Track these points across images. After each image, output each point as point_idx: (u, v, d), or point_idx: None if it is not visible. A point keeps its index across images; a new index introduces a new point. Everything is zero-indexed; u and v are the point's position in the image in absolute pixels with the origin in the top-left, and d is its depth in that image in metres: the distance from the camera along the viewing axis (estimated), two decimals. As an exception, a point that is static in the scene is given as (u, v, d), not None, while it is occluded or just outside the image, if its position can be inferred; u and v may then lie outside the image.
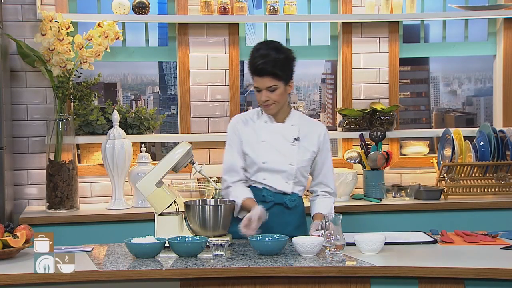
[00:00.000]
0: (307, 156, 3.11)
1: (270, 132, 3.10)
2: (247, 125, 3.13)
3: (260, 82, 2.98)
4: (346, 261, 2.63)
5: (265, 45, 3.03)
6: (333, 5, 4.47)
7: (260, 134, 3.10)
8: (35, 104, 4.14)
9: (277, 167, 3.06)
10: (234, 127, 3.14)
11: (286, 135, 3.10)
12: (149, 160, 4.02)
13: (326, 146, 3.17)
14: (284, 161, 3.07)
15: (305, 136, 3.12)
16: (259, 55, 2.97)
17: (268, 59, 2.95)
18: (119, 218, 3.82)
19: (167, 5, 4.35)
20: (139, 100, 6.50)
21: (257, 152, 3.08)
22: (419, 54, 4.66)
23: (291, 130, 3.11)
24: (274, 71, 2.95)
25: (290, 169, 3.07)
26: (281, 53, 2.99)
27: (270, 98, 3.00)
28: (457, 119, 6.62)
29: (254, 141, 3.09)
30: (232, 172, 3.11)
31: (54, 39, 3.87)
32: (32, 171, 4.15)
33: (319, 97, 6.64)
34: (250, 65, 3.01)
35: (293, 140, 3.10)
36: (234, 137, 3.13)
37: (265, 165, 3.06)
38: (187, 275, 2.54)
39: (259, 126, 3.12)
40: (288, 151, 3.09)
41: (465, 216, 3.97)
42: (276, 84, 2.98)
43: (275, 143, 3.09)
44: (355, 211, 3.93)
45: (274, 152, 3.08)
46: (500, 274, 2.51)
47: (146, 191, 2.94)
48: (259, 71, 2.96)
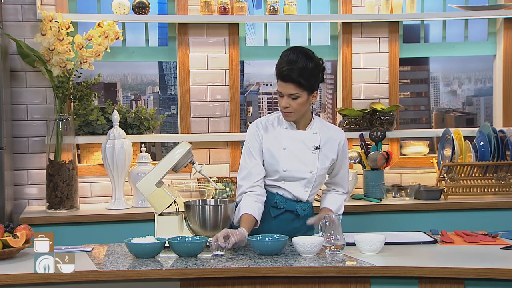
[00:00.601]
0: (327, 163, 3.07)
1: (291, 139, 3.04)
2: (267, 131, 3.05)
3: (284, 87, 2.91)
4: (346, 261, 2.63)
5: (295, 50, 2.94)
6: (333, 5, 4.47)
7: (281, 141, 3.03)
8: (35, 104, 4.14)
9: (298, 175, 3.02)
10: (255, 132, 3.05)
11: (308, 143, 3.04)
12: (149, 160, 4.02)
13: (345, 152, 3.13)
14: (305, 169, 3.02)
15: (325, 143, 3.06)
16: (287, 60, 2.90)
17: (295, 66, 2.87)
18: (119, 218, 3.82)
19: (167, 5, 4.35)
20: (139, 100, 6.50)
21: (278, 159, 3.01)
22: (419, 54, 4.66)
23: (312, 138, 3.04)
24: (299, 79, 2.88)
25: (311, 177, 3.03)
26: (311, 61, 2.91)
27: (291, 105, 2.93)
28: (457, 119, 6.62)
29: (275, 148, 3.02)
30: (248, 178, 3.01)
31: (54, 39, 3.87)
32: (32, 171, 4.15)
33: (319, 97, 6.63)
34: (277, 69, 2.94)
35: (314, 148, 3.03)
36: (254, 142, 3.04)
37: (286, 173, 3.01)
38: (187, 275, 2.54)
39: (280, 133, 3.04)
40: (309, 159, 3.03)
41: (465, 216, 3.97)
42: (299, 93, 2.90)
43: (296, 151, 3.03)
44: (355, 211, 3.93)
45: (295, 160, 3.02)
46: (500, 274, 2.51)
47: (146, 191, 2.94)
48: (284, 77, 2.89)
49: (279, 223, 3.03)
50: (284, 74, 2.89)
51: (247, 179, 3.01)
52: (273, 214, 3.05)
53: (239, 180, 3.04)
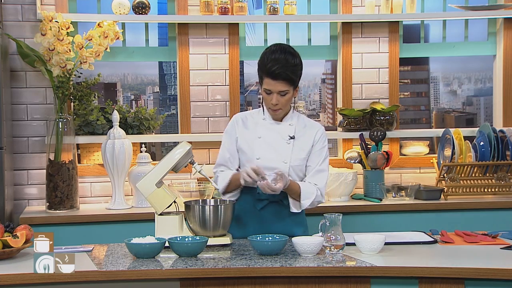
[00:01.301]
0: (302, 155, 3.11)
1: (266, 129, 3.13)
2: (246, 122, 3.17)
3: (273, 85, 2.99)
4: (346, 261, 2.63)
5: (280, 48, 3.02)
6: (333, 5, 4.47)
7: (257, 130, 3.13)
8: (35, 104, 4.14)
9: (270, 164, 3.07)
10: (232, 124, 3.19)
11: (282, 133, 3.12)
12: (149, 160, 4.02)
13: (319, 146, 3.15)
14: (278, 159, 3.08)
15: (301, 135, 3.13)
16: (275, 59, 2.97)
17: (286, 64, 2.96)
18: (119, 218, 3.82)
19: (167, 5, 4.35)
20: (139, 100, 6.50)
21: (252, 148, 3.11)
22: (419, 54, 4.66)
23: (287, 129, 3.12)
24: (291, 76, 2.98)
25: (284, 167, 3.07)
26: (295, 57, 3.02)
27: (280, 102, 3.03)
28: (457, 119, 6.62)
29: (251, 137, 3.13)
30: (222, 166, 3.16)
31: (54, 39, 3.87)
32: (32, 171, 4.15)
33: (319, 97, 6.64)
34: (264, 67, 3.00)
35: (288, 138, 3.11)
36: (230, 134, 3.17)
37: (259, 161, 3.07)
38: (187, 275, 2.54)
39: (257, 123, 3.15)
40: (283, 149, 3.10)
41: (465, 216, 3.97)
42: (288, 89, 3.00)
43: (270, 140, 3.11)
44: (355, 211, 3.93)
45: (269, 149, 3.09)
46: (500, 274, 2.51)
47: (146, 191, 2.94)
48: (275, 75, 2.96)
49: (267, 215, 3.06)
50: (276, 73, 2.96)
51: (218, 167, 3.18)
52: (258, 208, 3.09)
53: (213, 168, 3.20)
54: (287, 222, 3.09)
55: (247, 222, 3.08)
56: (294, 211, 3.08)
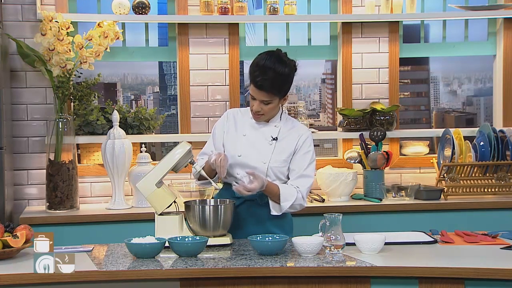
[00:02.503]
0: (283, 157, 3.10)
1: (252, 128, 3.15)
2: (236, 118, 3.21)
3: (257, 94, 3.01)
4: (346, 261, 2.63)
5: (271, 56, 3.00)
6: (333, 5, 4.47)
7: (244, 128, 3.16)
8: (35, 104, 4.13)
9: (250, 162, 3.07)
10: (224, 118, 3.24)
11: (266, 134, 3.13)
12: (149, 160, 4.02)
13: (304, 150, 3.11)
14: (258, 158, 3.09)
15: (285, 137, 3.13)
16: (262, 68, 2.96)
17: (269, 76, 2.95)
18: (119, 218, 3.82)
19: (167, 5, 4.34)
20: (139, 100, 6.50)
21: (235, 145, 3.13)
22: (419, 54, 4.66)
23: (272, 130, 3.13)
24: (272, 90, 2.98)
25: (262, 167, 3.07)
26: (285, 66, 2.99)
27: (262, 109, 3.05)
28: (457, 119, 6.63)
29: (236, 134, 3.16)
30: (204, 155, 3.19)
31: (54, 39, 3.87)
32: (32, 171, 4.15)
33: (319, 97, 6.64)
34: (250, 75, 3.01)
35: (271, 139, 3.12)
36: (219, 128, 3.22)
37: (240, 158, 3.09)
38: (187, 275, 2.54)
39: (244, 121, 3.18)
40: (264, 149, 3.10)
41: (465, 216, 3.97)
42: (271, 99, 3.02)
43: (253, 139, 3.12)
44: (355, 211, 3.93)
45: (250, 148, 3.11)
46: (500, 274, 2.51)
47: (146, 191, 2.94)
48: (258, 86, 2.98)
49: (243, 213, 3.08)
50: (259, 84, 2.97)
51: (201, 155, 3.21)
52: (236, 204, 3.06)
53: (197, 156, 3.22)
54: (266, 224, 3.07)
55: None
56: (274, 214, 3.05)
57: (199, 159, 3.17)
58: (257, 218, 3.09)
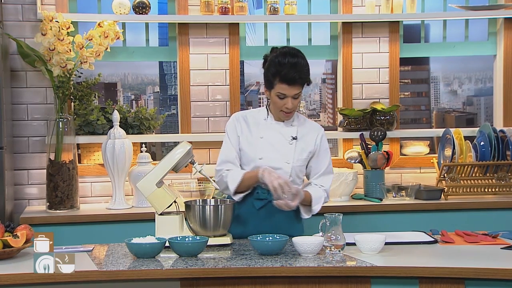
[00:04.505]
0: (303, 156, 3.12)
1: (268, 129, 3.12)
2: (247, 121, 3.16)
3: (289, 90, 2.98)
4: (346, 261, 2.63)
5: (289, 52, 3.02)
6: (334, 5, 4.47)
7: (259, 130, 3.12)
8: (36, 104, 4.14)
9: (273, 164, 3.06)
10: (234, 122, 3.17)
11: (285, 134, 3.12)
12: (149, 160, 4.02)
13: (324, 148, 3.17)
14: (280, 159, 3.08)
15: (303, 136, 3.13)
16: (292, 64, 2.97)
17: (301, 69, 2.98)
18: (119, 218, 3.82)
19: (168, 5, 4.35)
20: (139, 100, 6.49)
21: (255, 148, 3.10)
22: (420, 54, 4.66)
23: (289, 129, 3.13)
24: (302, 81, 3.00)
25: (286, 167, 3.08)
26: (304, 59, 3.04)
27: (294, 105, 3.04)
28: (457, 119, 6.62)
29: (253, 137, 3.12)
30: (228, 163, 3.11)
31: (55, 39, 3.87)
32: (32, 171, 4.15)
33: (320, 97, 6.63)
34: (279, 73, 2.98)
35: (291, 139, 3.11)
36: (232, 133, 3.15)
37: (261, 161, 3.07)
38: (187, 275, 2.54)
39: (258, 123, 3.14)
40: (285, 149, 3.10)
41: (466, 216, 3.97)
42: (300, 92, 3.02)
43: (273, 140, 3.10)
44: (356, 211, 3.93)
45: (271, 149, 3.09)
46: (501, 274, 2.51)
47: (146, 191, 2.94)
48: (293, 81, 2.96)
49: (263, 215, 3.05)
50: (295, 79, 2.96)
51: (224, 164, 3.11)
52: (257, 207, 3.08)
53: (217, 166, 3.13)
54: (285, 220, 3.08)
55: (246, 221, 3.08)
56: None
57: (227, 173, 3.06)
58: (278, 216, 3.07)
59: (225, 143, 3.17)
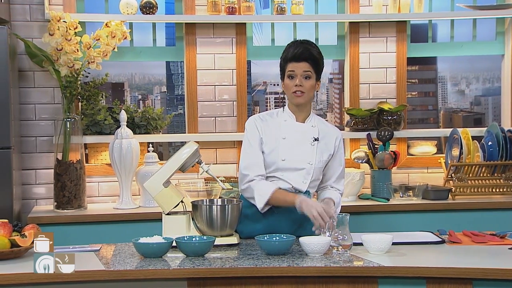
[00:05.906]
0: (325, 157, 3.12)
1: (290, 130, 3.10)
2: (266, 122, 3.12)
3: (297, 66, 3.01)
4: (353, 261, 2.62)
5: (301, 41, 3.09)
6: (341, 4, 4.46)
7: (281, 131, 3.10)
8: (43, 104, 4.15)
9: (296, 165, 3.06)
10: (254, 124, 3.12)
11: (307, 135, 3.10)
12: (157, 160, 4.02)
13: (340, 151, 3.19)
14: (303, 160, 3.07)
15: (323, 137, 3.13)
16: (295, 45, 3.04)
17: (306, 47, 3.02)
18: (126, 217, 3.83)
19: (175, 5, 4.35)
20: (146, 100, 6.51)
21: (277, 149, 3.07)
22: (427, 53, 4.65)
23: (311, 130, 3.11)
24: (312, 57, 3.01)
25: (309, 168, 3.07)
26: (317, 48, 3.07)
27: (303, 85, 3.02)
28: (465, 119, 6.60)
29: (275, 138, 3.09)
30: (254, 167, 3.06)
31: (62, 39, 3.88)
32: (40, 170, 4.16)
33: (327, 97, 6.63)
34: (287, 55, 3.03)
35: (313, 140, 3.10)
36: (254, 134, 3.10)
37: (284, 162, 3.06)
38: (194, 274, 2.54)
39: (279, 124, 3.11)
40: (308, 150, 3.09)
41: (473, 216, 3.96)
42: (311, 71, 3.02)
43: (295, 141, 3.09)
44: (363, 211, 3.93)
45: (294, 150, 3.07)
46: (509, 274, 2.50)
47: (153, 190, 2.94)
48: (297, 57, 3.00)
49: (280, 216, 3.05)
50: (298, 54, 3.00)
51: (251, 168, 3.06)
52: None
53: (243, 170, 3.07)
54: (295, 221, 3.08)
55: (256, 220, 3.07)
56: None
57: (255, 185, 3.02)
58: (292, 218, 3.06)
59: (247, 145, 3.10)
